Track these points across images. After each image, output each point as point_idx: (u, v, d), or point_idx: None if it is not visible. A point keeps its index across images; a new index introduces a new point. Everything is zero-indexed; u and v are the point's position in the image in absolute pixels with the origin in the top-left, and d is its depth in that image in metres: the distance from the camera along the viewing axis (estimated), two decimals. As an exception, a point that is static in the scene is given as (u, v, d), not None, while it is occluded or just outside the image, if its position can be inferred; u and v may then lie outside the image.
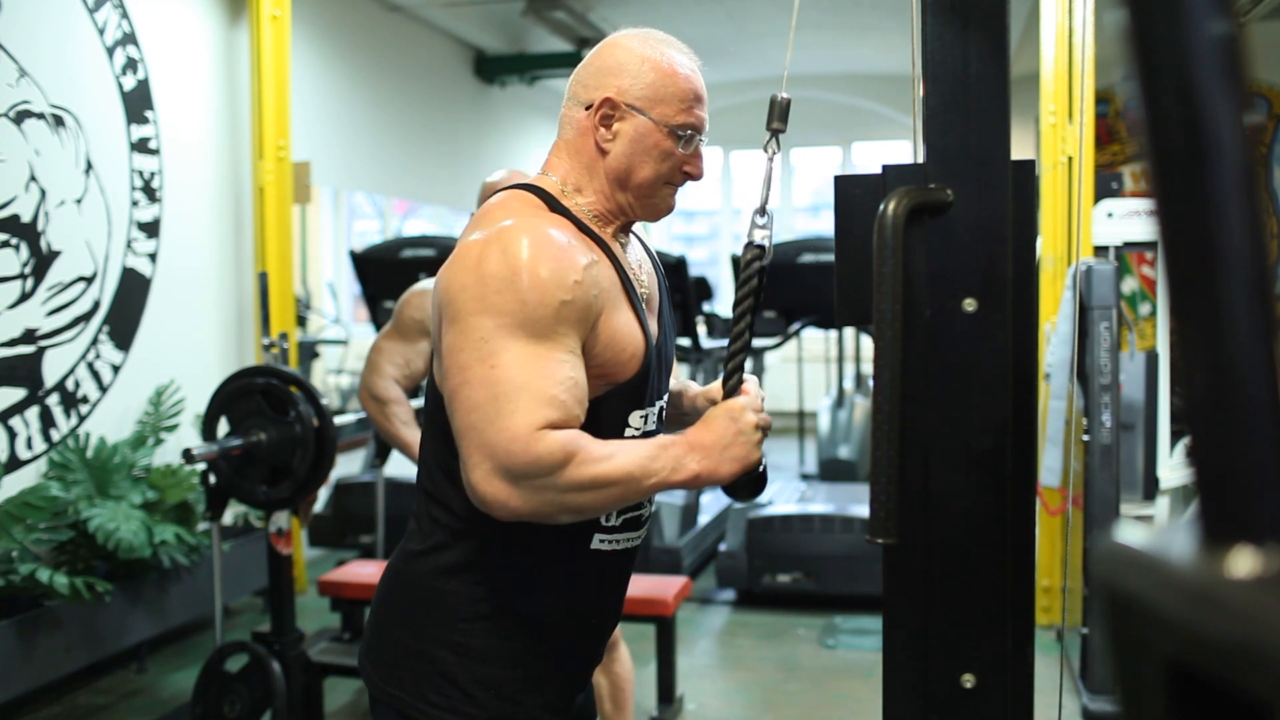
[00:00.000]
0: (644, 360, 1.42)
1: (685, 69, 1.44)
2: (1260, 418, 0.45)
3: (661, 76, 1.42)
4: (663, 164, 1.43)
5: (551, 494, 1.26)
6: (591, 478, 1.27)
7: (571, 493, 1.27)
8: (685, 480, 1.34)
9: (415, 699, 1.43)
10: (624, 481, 1.29)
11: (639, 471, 1.30)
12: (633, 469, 1.30)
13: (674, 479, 1.33)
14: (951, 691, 1.32)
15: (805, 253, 5.39)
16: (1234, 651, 0.42)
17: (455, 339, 1.31)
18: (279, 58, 5.01)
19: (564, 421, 1.28)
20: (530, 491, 1.26)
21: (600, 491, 1.28)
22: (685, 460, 1.33)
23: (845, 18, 7.75)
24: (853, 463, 6.58)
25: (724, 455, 1.35)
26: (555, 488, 1.26)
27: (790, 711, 3.79)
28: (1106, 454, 3.40)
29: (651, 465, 1.31)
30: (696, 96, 1.44)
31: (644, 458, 1.31)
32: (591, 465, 1.27)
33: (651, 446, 1.33)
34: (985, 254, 1.30)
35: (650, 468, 1.31)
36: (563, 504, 1.28)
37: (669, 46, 1.46)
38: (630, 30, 1.48)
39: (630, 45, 1.45)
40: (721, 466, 1.35)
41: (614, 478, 1.28)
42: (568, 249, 1.33)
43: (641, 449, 1.32)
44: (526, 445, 1.24)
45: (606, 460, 1.28)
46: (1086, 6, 2.89)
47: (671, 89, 1.42)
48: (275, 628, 3.32)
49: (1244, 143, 0.45)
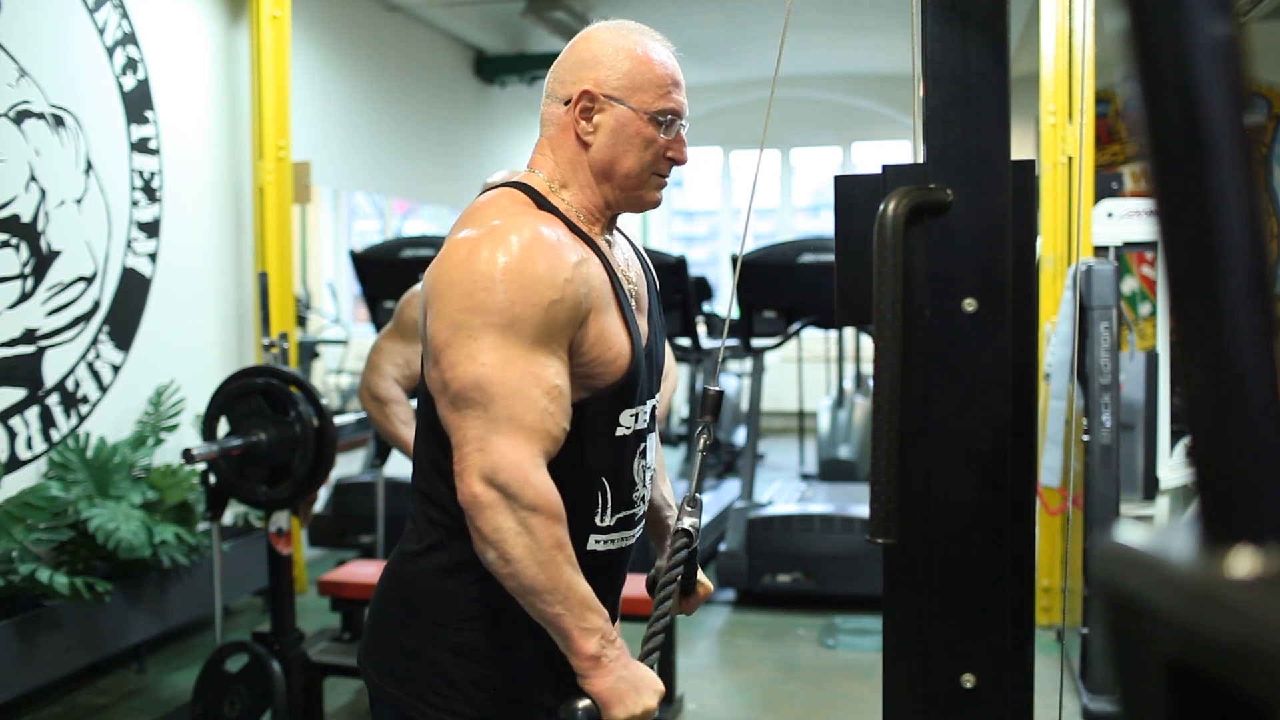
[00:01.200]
0: (631, 361, 1.42)
1: (660, 55, 1.44)
2: (1260, 418, 0.45)
3: (637, 64, 1.42)
4: (645, 152, 1.43)
5: (514, 520, 1.26)
6: (554, 540, 1.28)
7: (524, 534, 1.26)
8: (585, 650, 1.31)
9: (413, 699, 1.43)
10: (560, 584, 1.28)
11: (575, 597, 1.29)
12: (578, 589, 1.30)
13: (581, 640, 1.30)
14: (951, 691, 1.32)
15: (805, 253, 5.39)
16: (1234, 651, 0.42)
17: (444, 334, 1.31)
18: (279, 58, 5.01)
19: (554, 446, 1.30)
20: (505, 507, 1.27)
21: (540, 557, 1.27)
22: (606, 650, 1.31)
23: (845, 18, 7.75)
24: (853, 463, 6.58)
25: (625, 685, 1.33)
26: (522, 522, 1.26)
27: (790, 711, 3.79)
28: (1106, 454, 3.40)
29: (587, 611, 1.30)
30: (674, 81, 1.45)
31: (590, 600, 1.31)
32: (561, 533, 1.28)
33: (599, 610, 1.32)
34: (985, 254, 1.30)
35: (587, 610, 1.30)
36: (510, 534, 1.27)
37: (642, 35, 1.46)
38: (603, 23, 1.49)
39: (604, 37, 1.45)
40: (615, 685, 1.32)
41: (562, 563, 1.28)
42: (557, 247, 1.34)
43: (593, 600, 1.32)
44: (522, 469, 1.27)
45: (569, 550, 1.30)
46: (1086, 6, 2.89)
47: (648, 75, 1.42)
48: (275, 628, 3.32)
49: (1244, 143, 0.45)
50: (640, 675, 1.35)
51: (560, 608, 1.29)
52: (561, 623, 1.30)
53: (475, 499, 1.27)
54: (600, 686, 1.32)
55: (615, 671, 1.32)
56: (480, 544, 1.30)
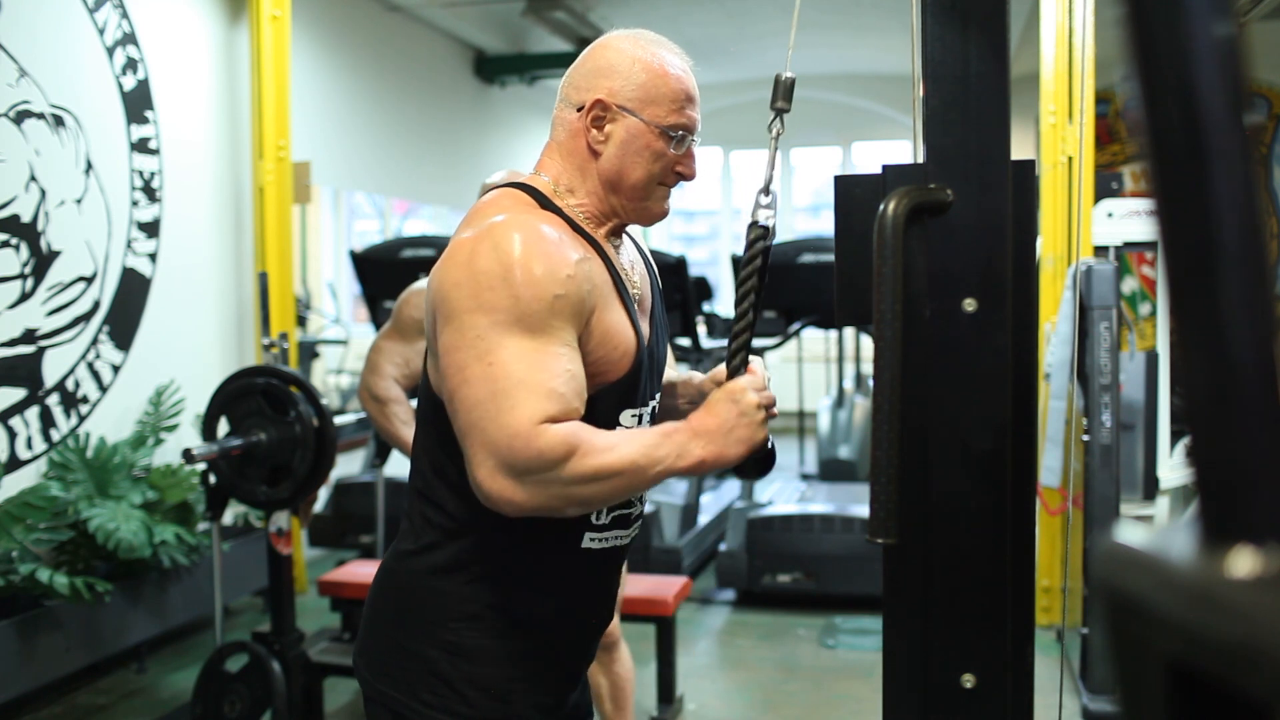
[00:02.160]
0: (635, 359, 1.42)
1: (676, 69, 1.44)
2: (1260, 418, 0.45)
3: (653, 77, 1.42)
4: (655, 165, 1.43)
5: (557, 488, 1.26)
6: (595, 469, 1.26)
7: (576, 485, 1.27)
8: (691, 466, 1.33)
9: (408, 698, 1.43)
10: (629, 471, 1.29)
11: (644, 460, 1.29)
12: (637, 457, 1.29)
13: (679, 465, 1.32)
14: (951, 691, 1.32)
15: (805, 253, 5.39)
16: (1234, 651, 0.42)
17: (451, 338, 1.31)
18: (279, 58, 5.01)
19: (563, 414, 1.28)
20: (536, 486, 1.26)
21: (606, 482, 1.28)
22: (690, 446, 1.32)
23: (845, 18, 7.75)
24: (853, 463, 6.58)
25: (729, 438, 1.34)
26: (560, 481, 1.26)
27: (790, 711, 3.79)
28: (1106, 454, 3.40)
29: (655, 453, 1.30)
30: (688, 97, 1.44)
31: (648, 445, 1.31)
32: (595, 456, 1.26)
33: (655, 434, 1.33)
34: (985, 254, 1.30)
35: (654, 455, 1.30)
36: (568, 496, 1.28)
37: (660, 47, 1.45)
38: (621, 31, 1.48)
39: (621, 46, 1.44)
40: (727, 449, 1.34)
41: (619, 468, 1.28)
42: (559, 244, 1.34)
43: (645, 437, 1.32)
44: (528, 440, 1.24)
45: (610, 451, 1.28)
46: (1086, 6, 2.89)
47: (663, 90, 1.42)
48: (275, 628, 3.32)
49: (1244, 143, 0.45)
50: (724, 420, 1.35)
51: (652, 471, 1.31)
52: (664, 476, 1.32)
53: (511, 500, 1.27)
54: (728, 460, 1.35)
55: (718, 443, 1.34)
56: (554, 515, 1.31)
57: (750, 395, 1.36)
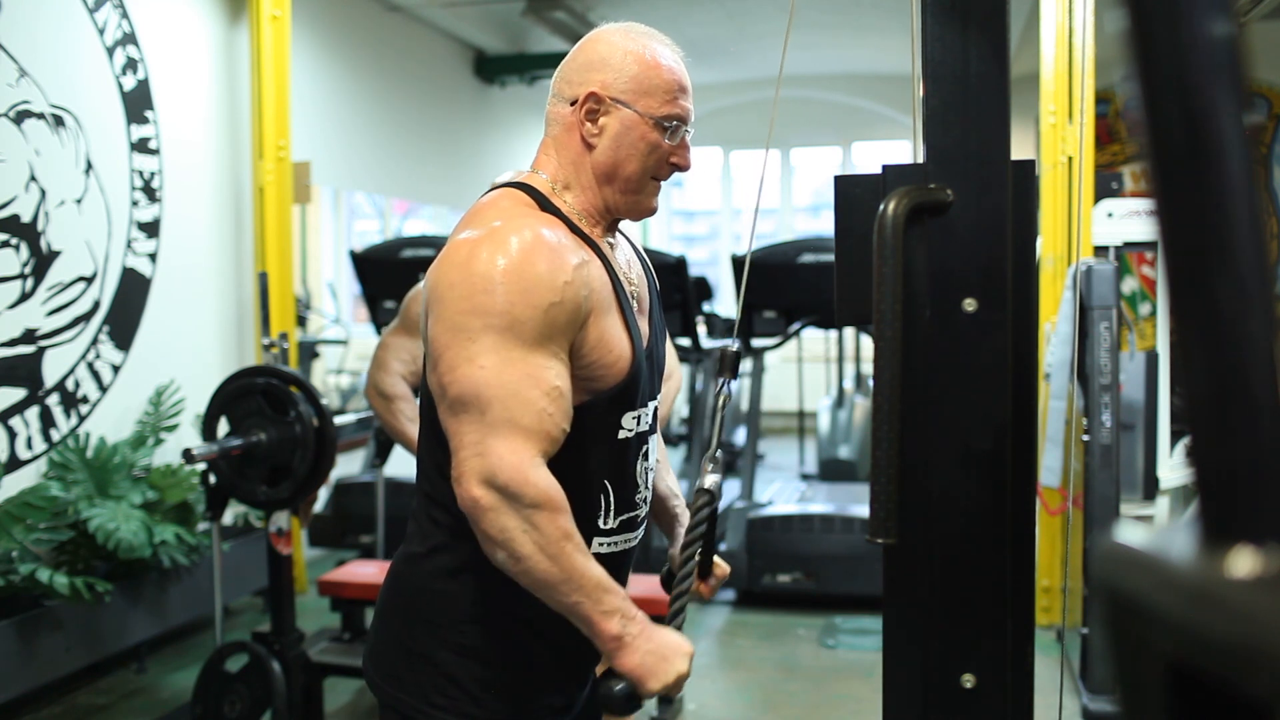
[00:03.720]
0: (632, 363, 1.42)
1: (668, 60, 1.44)
2: (1260, 418, 0.45)
3: (645, 69, 1.42)
4: (649, 157, 1.44)
5: (516, 519, 1.26)
6: (561, 532, 1.28)
7: (529, 531, 1.26)
8: (608, 631, 1.32)
9: (419, 701, 1.43)
10: (573, 573, 1.29)
11: (589, 583, 1.30)
12: (592, 574, 1.30)
13: (602, 623, 1.31)
14: (951, 691, 1.32)
15: (805, 253, 5.39)
16: (1234, 651, 0.42)
17: (443, 337, 1.31)
18: (279, 58, 5.01)
19: (552, 444, 1.30)
20: (505, 511, 1.26)
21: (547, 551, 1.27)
22: (629, 626, 1.32)
23: (845, 18, 7.74)
24: (853, 463, 6.58)
25: (656, 663, 1.33)
26: (522, 520, 1.26)
27: (790, 711, 3.79)
28: (1106, 454, 3.40)
29: (605, 593, 1.31)
30: (681, 87, 1.45)
31: (604, 582, 1.31)
32: (567, 524, 1.28)
33: (614, 585, 1.33)
34: (985, 254, 1.30)
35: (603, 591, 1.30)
36: (512, 536, 1.27)
37: (651, 39, 1.46)
38: (612, 25, 1.48)
39: (613, 39, 1.45)
40: (646, 664, 1.33)
41: (569, 556, 1.28)
42: (558, 249, 1.33)
43: (608, 581, 1.32)
44: (525, 472, 1.26)
45: (577, 538, 1.30)
46: (1086, 6, 2.89)
47: (655, 81, 1.42)
48: (275, 628, 3.32)
49: (1244, 143, 0.45)
50: (666, 643, 1.35)
51: (577, 595, 1.30)
52: (580, 610, 1.31)
53: (476, 503, 1.27)
54: (628, 664, 1.33)
55: (641, 647, 1.33)
56: (488, 545, 1.30)
57: (682, 664, 1.36)
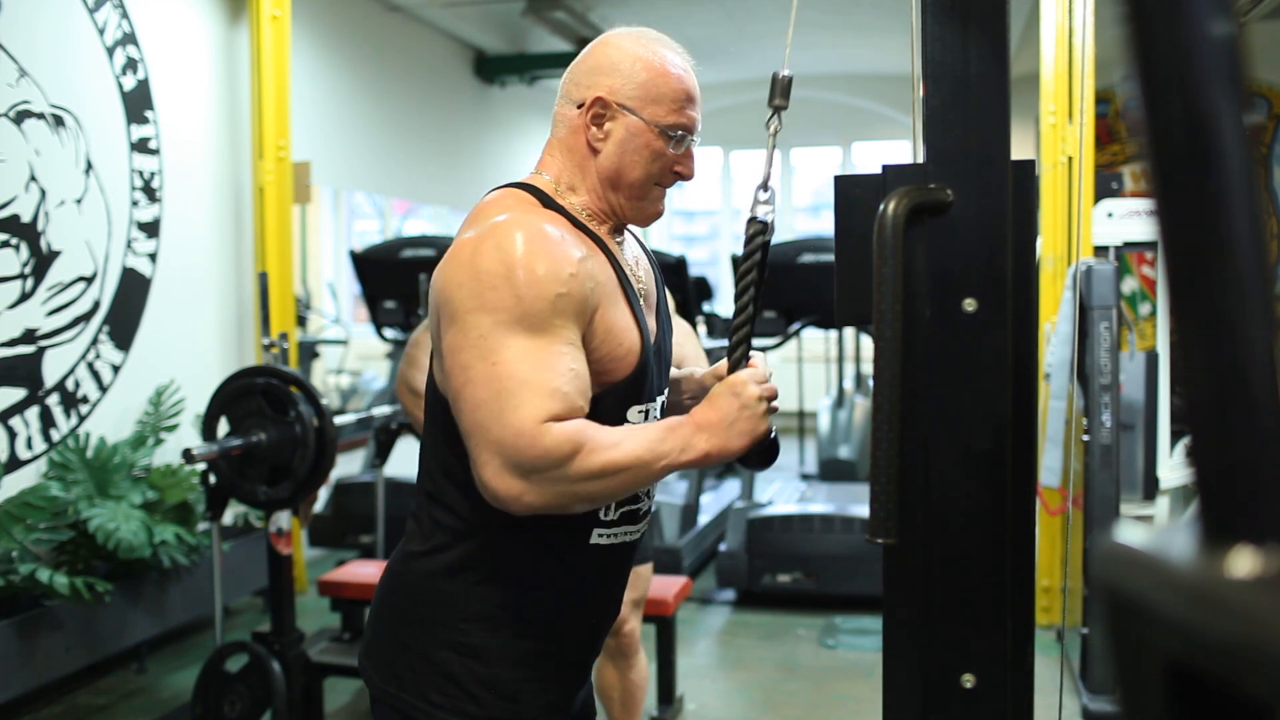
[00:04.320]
0: (641, 356, 1.42)
1: (678, 69, 1.44)
2: (1260, 418, 0.45)
3: (654, 76, 1.42)
4: (653, 164, 1.44)
5: (564, 485, 1.27)
6: (601, 466, 1.27)
7: (583, 482, 1.27)
8: (696, 459, 1.34)
9: (417, 699, 1.43)
10: (634, 466, 1.30)
11: (648, 455, 1.31)
12: (642, 453, 1.30)
13: (684, 459, 1.33)
14: (951, 691, 1.32)
15: (805, 253, 5.39)
16: (1234, 651, 0.42)
17: (455, 338, 1.31)
18: (279, 58, 5.01)
19: (567, 412, 1.28)
20: (543, 484, 1.26)
21: (612, 478, 1.29)
22: (694, 440, 1.34)
23: (845, 18, 7.74)
24: (853, 463, 6.58)
25: (731, 431, 1.36)
26: (567, 479, 1.27)
27: (790, 711, 3.79)
28: (1106, 454, 3.40)
29: (660, 447, 1.32)
30: (688, 97, 1.44)
31: (652, 440, 1.32)
32: (601, 453, 1.27)
33: (659, 429, 1.34)
34: (985, 254, 1.29)
35: (659, 450, 1.32)
36: (575, 493, 1.29)
37: (662, 46, 1.45)
38: (623, 29, 1.48)
39: (623, 44, 1.44)
40: (730, 442, 1.36)
41: (624, 463, 1.29)
42: (561, 243, 1.34)
43: (649, 432, 1.33)
44: (534, 439, 1.25)
45: (615, 447, 1.29)
46: (1086, 6, 2.89)
47: (663, 89, 1.42)
48: (275, 628, 3.32)
49: (1244, 143, 0.45)
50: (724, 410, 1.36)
51: (657, 467, 1.32)
52: (668, 470, 1.33)
53: (518, 498, 1.27)
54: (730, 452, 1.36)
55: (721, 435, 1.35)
56: (562, 511, 1.32)
57: (752, 388, 1.37)
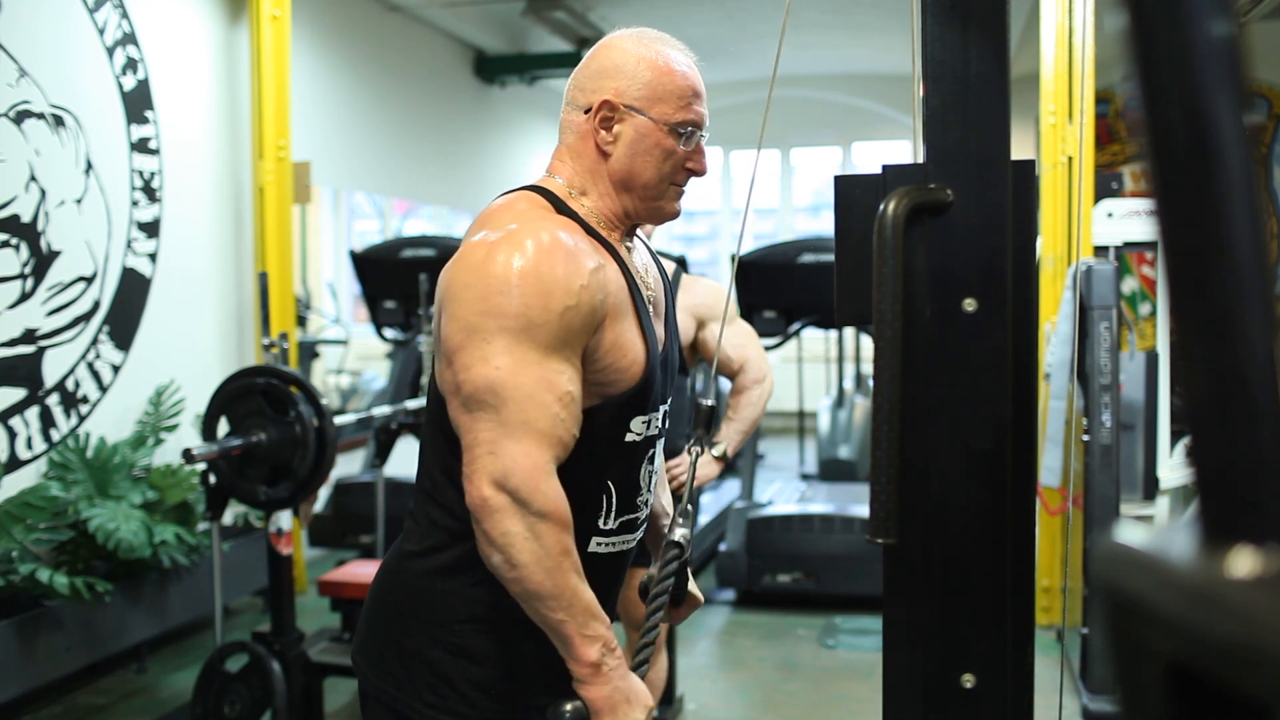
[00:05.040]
0: (646, 368, 1.42)
1: (682, 65, 1.44)
2: (1261, 418, 0.45)
3: (658, 75, 1.42)
4: (665, 163, 1.43)
5: (523, 525, 1.27)
6: (561, 548, 1.29)
7: (530, 540, 1.27)
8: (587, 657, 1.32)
9: (410, 698, 1.43)
10: (565, 590, 1.29)
11: (579, 604, 1.31)
12: (581, 594, 1.31)
13: (582, 647, 1.32)
14: (951, 691, 1.32)
15: (805, 253, 5.39)
16: (1234, 651, 0.42)
17: (457, 336, 1.31)
18: (279, 58, 5.00)
19: (563, 450, 1.31)
20: (514, 511, 1.27)
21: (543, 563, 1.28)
22: (607, 657, 1.33)
23: (845, 18, 7.74)
24: (853, 463, 6.58)
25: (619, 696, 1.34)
26: (530, 528, 1.27)
27: (790, 711, 3.79)
28: (1106, 454, 3.40)
29: (590, 619, 1.32)
30: (695, 92, 1.44)
31: (593, 608, 1.33)
32: (567, 540, 1.30)
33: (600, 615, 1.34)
34: (985, 254, 1.29)
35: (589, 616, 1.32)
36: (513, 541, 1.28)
37: (664, 44, 1.45)
38: (624, 31, 1.48)
39: (625, 46, 1.44)
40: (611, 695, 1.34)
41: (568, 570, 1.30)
42: (575, 252, 1.33)
43: (596, 608, 1.34)
44: (534, 475, 1.27)
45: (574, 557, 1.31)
46: (1086, 6, 2.89)
47: (669, 87, 1.42)
48: (275, 628, 3.32)
49: (1244, 143, 0.45)
50: (634, 688, 1.37)
51: (564, 614, 1.30)
52: (564, 629, 1.31)
53: (485, 502, 1.28)
54: (597, 694, 1.34)
55: (613, 681, 1.34)
56: (486, 547, 1.30)
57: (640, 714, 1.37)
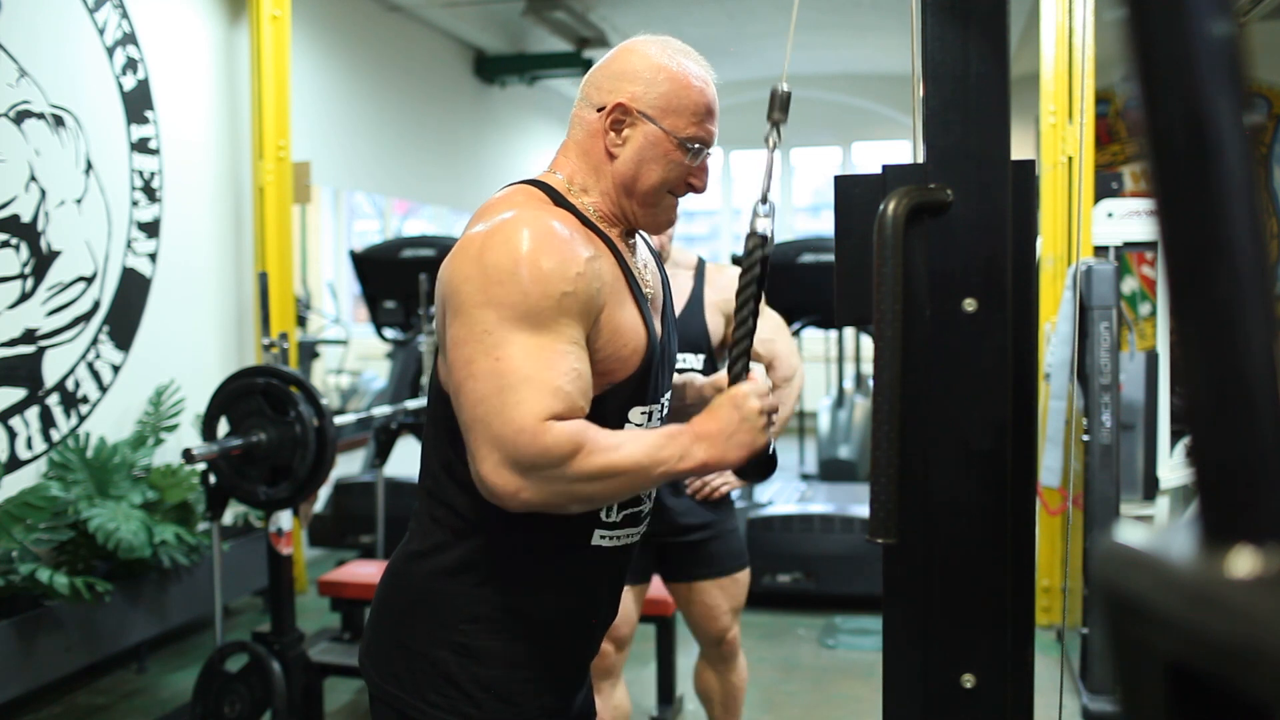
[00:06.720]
0: (646, 355, 1.43)
1: (699, 81, 1.45)
2: (1260, 418, 0.45)
3: (676, 87, 1.42)
4: (669, 173, 1.44)
5: (561, 484, 1.27)
6: (600, 468, 1.28)
7: (581, 483, 1.28)
8: (693, 468, 1.35)
9: (415, 699, 1.43)
10: (632, 470, 1.30)
11: (647, 460, 1.31)
12: (641, 457, 1.31)
13: (681, 466, 1.34)
14: (951, 691, 1.32)
15: (805, 253, 5.39)
16: (1234, 651, 0.42)
17: (459, 332, 1.31)
18: (279, 58, 5.00)
19: (569, 412, 1.29)
20: (540, 482, 1.27)
21: (609, 481, 1.29)
22: (692, 449, 1.34)
23: (845, 18, 7.74)
24: (853, 463, 6.58)
25: (730, 442, 1.37)
26: (565, 478, 1.27)
27: (790, 711, 3.79)
28: (1106, 454, 3.40)
29: (659, 454, 1.32)
30: (709, 110, 1.45)
31: (652, 446, 1.32)
32: (600, 455, 1.28)
33: (659, 435, 1.34)
34: (985, 254, 1.30)
35: (658, 456, 1.32)
36: (572, 493, 1.29)
37: (686, 57, 1.46)
38: (649, 36, 1.48)
39: (648, 52, 1.45)
40: (728, 453, 1.37)
41: (623, 467, 1.29)
42: (569, 241, 1.34)
43: (649, 438, 1.34)
44: (534, 436, 1.25)
45: (615, 450, 1.29)
46: (1086, 6, 2.89)
47: (685, 101, 1.42)
48: (275, 628, 3.32)
49: (1244, 143, 0.45)
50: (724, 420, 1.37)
51: (655, 473, 1.33)
52: (665, 477, 1.35)
53: (514, 493, 1.27)
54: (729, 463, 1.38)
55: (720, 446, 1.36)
56: (558, 510, 1.32)
57: (753, 401, 1.38)
